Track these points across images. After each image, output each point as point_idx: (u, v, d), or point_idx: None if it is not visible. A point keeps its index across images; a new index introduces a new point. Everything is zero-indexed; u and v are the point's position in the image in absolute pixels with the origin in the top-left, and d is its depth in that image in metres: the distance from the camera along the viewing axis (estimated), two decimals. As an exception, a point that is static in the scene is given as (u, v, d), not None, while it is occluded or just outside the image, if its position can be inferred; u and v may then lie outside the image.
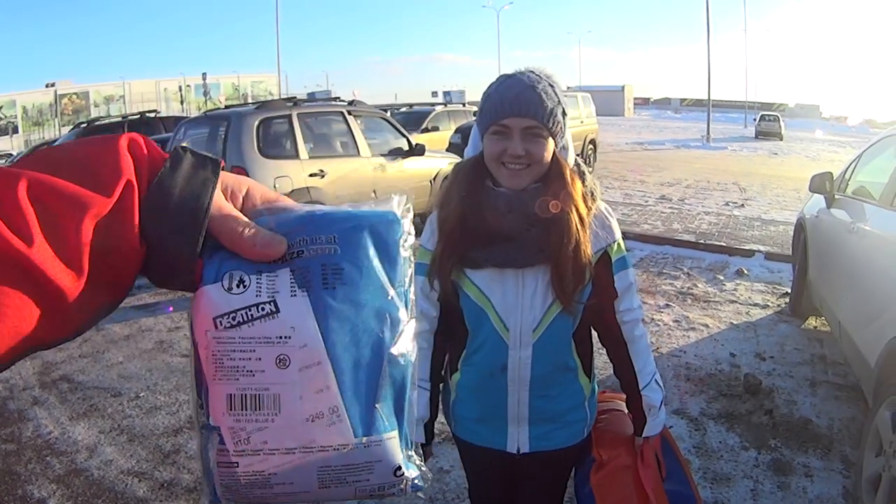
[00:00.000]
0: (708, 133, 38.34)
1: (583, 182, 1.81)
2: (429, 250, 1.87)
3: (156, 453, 4.16)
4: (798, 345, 5.78)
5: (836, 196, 5.42)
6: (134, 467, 4.00)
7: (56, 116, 58.76)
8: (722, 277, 7.95)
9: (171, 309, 6.79)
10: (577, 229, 1.72)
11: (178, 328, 6.46)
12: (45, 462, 4.09)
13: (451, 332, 1.95)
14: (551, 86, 1.73)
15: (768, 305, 6.92)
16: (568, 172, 1.76)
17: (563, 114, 1.74)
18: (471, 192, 1.77)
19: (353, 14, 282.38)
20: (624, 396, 2.08)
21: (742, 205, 13.41)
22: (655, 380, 1.99)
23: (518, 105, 1.68)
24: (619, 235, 1.92)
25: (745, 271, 8.13)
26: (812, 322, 6.31)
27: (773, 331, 6.16)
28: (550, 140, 1.72)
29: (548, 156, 1.72)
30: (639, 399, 1.97)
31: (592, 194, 1.83)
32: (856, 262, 4.38)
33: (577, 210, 1.73)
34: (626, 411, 2.08)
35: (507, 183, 1.73)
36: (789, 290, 6.98)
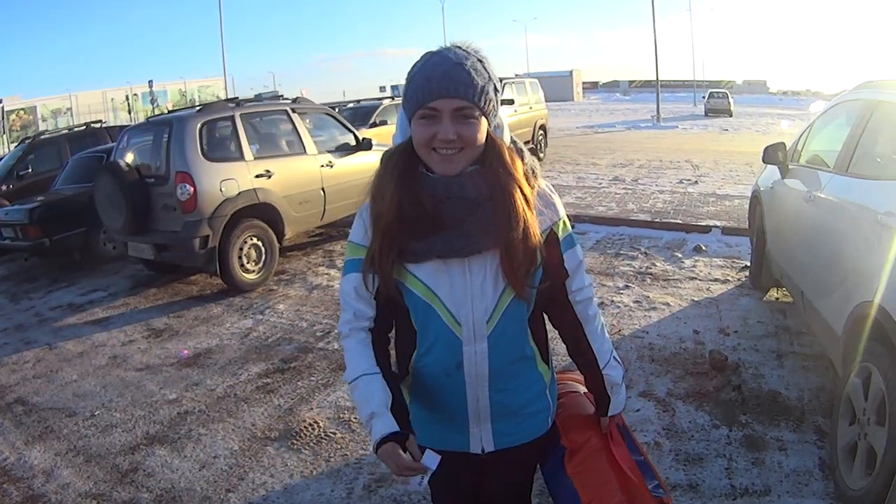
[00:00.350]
0: (658, 113, 38.62)
1: (522, 160, 1.69)
2: (361, 245, 1.73)
3: (113, 473, 4.03)
4: (761, 318, 5.77)
5: (791, 166, 5.39)
6: (92, 489, 3.87)
7: (4, 133, 57.53)
8: (680, 255, 7.93)
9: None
10: (524, 209, 1.61)
11: (131, 342, 6.29)
12: (1, 490, 3.94)
13: (394, 330, 1.84)
14: (480, 61, 1.59)
15: (728, 280, 6.91)
16: (506, 152, 1.65)
17: (496, 90, 1.61)
18: (404, 181, 1.63)
19: (297, 13, 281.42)
20: (574, 375, 2.03)
21: (696, 182, 13.47)
22: (614, 356, 1.92)
23: (446, 84, 1.53)
24: (563, 213, 1.80)
25: (703, 247, 8.12)
26: (773, 294, 6.31)
27: (735, 305, 6.14)
28: (483, 120, 1.59)
29: (481, 137, 1.60)
30: (601, 378, 1.90)
31: (534, 172, 1.71)
32: (815, 231, 4.34)
33: (522, 189, 1.62)
34: (582, 391, 2.03)
35: (439, 169, 1.60)
36: (748, 264, 6.98)
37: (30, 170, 12.07)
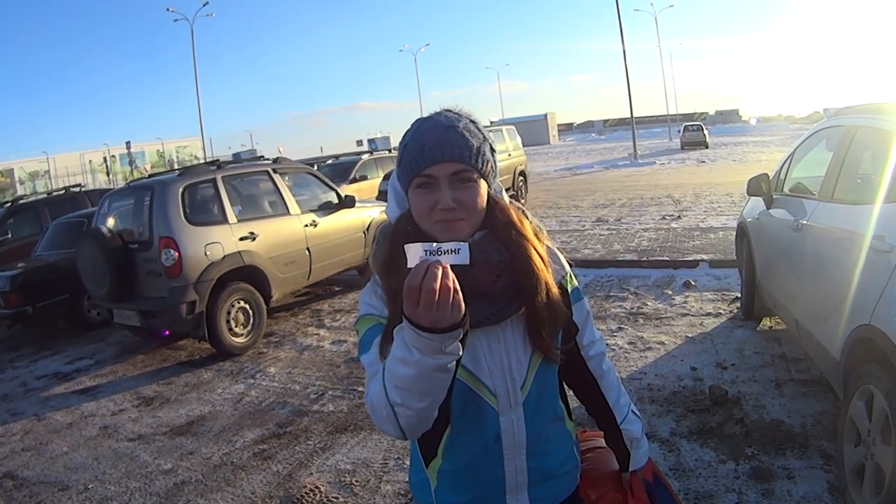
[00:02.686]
0: (635, 150, 39.02)
1: (528, 219, 1.64)
2: (381, 316, 1.58)
3: (109, 550, 3.91)
4: (757, 348, 5.75)
5: (775, 196, 5.43)
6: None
7: (-19, 197, 57.69)
8: (670, 292, 7.92)
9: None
10: (543, 270, 1.57)
11: (121, 411, 6.18)
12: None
13: None
14: (472, 122, 1.55)
15: (721, 313, 6.90)
16: (514, 212, 1.60)
17: (492, 150, 1.56)
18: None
19: (271, 72, 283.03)
20: (597, 432, 1.94)
21: (678, 217, 13.55)
22: (632, 410, 1.86)
23: (440, 149, 1.48)
24: (568, 267, 1.75)
25: (693, 282, 8.12)
26: (767, 323, 6.30)
27: (729, 338, 6.12)
28: (483, 182, 1.53)
29: (482, 201, 1.53)
30: (619, 434, 1.83)
31: (540, 229, 1.66)
32: (805, 259, 4.36)
33: (537, 249, 1.58)
34: (606, 447, 1.93)
35: (443, 238, 1.48)
36: (739, 295, 6.98)
37: (9, 235, 12.03)
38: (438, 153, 1.48)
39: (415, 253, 1.28)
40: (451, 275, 1.26)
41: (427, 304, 1.24)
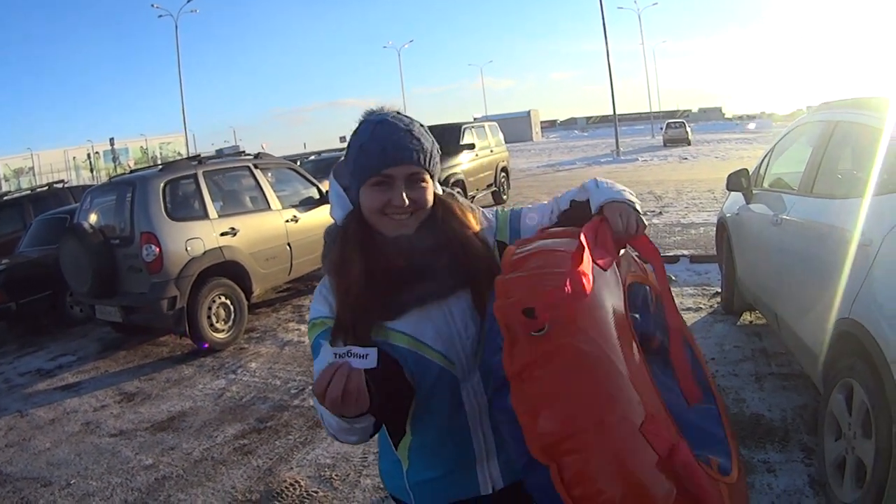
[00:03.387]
0: (617, 147, 39.18)
1: (460, 203, 1.75)
2: (329, 318, 1.65)
3: (90, 546, 3.89)
4: (737, 342, 5.78)
5: (755, 191, 5.46)
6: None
7: (-34, 194, 57.28)
8: (651, 286, 7.92)
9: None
10: (477, 245, 1.68)
11: (103, 407, 6.15)
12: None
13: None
14: (421, 125, 1.66)
15: (701, 308, 6.94)
16: (454, 204, 1.71)
17: (438, 151, 1.68)
18: (369, 250, 1.63)
19: (255, 69, 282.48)
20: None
21: (660, 213, 13.60)
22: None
23: (401, 152, 1.57)
24: (497, 212, 1.84)
25: (673, 277, 8.15)
26: (747, 317, 6.34)
27: (710, 332, 6.15)
28: (430, 181, 1.65)
29: (430, 198, 1.65)
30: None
31: (471, 208, 1.76)
32: (785, 253, 4.38)
33: (474, 230, 1.69)
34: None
35: (391, 233, 1.62)
36: (719, 290, 7.02)
37: None
38: (399, 156, 1.58)
39: (327, 352, 1.34)
40: (357, 377, 1.30)
41: (331, 405, 1.31)
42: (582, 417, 1.24)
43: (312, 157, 18.44)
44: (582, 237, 1.44)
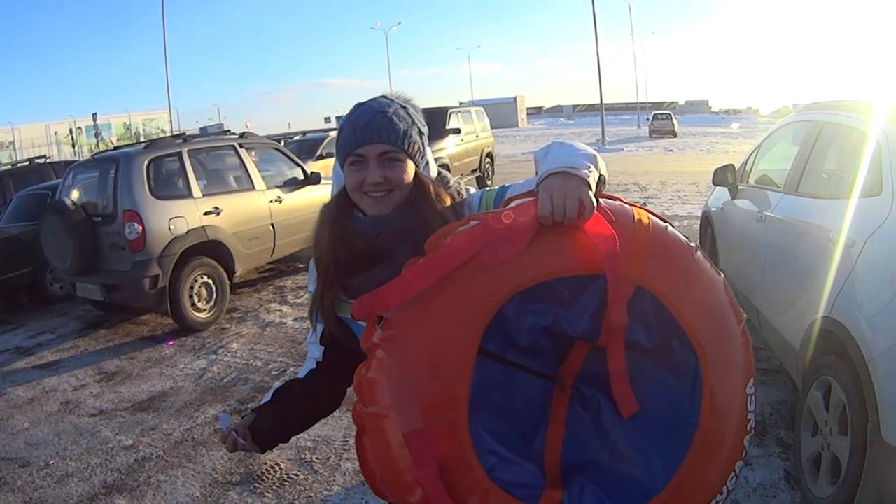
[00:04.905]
0: (603, 136, 39.29)
1: (446, 188, 1.75)
2: (312, 293, 1.80)
3: (68, 526, 3.88)
4: (717, 336, 5.79)
5: (740, 187, 5.49)
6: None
7: (-55, 167, 56.68)
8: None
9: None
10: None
11: (83, 386, 6.11)
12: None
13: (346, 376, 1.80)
14: (403, 107, 1.69)
15: (683, 300, 6.95)
16: (429, 186, 1.71)
17: (420, 133, 1.70)
18: (337, 225, 1.71)
19: (239, 46, 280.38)
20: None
21: (644, 204, 13.48)
22: None
23: (370, 132, 1.62)
24: (482, 195, 1.78)
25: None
26: (728, 312, 6.37)
27: (691, 325, 6.16)
28: (409, 162, 1.67)
29: (408, 178, 1.67)
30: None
31: (459, 192, 1.78)
32: (768, 250, 4.43)
33: (444, 217, 1.65)
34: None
35: (371, 211, 1.67)
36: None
37: None
38: (368, 136, 1.63)
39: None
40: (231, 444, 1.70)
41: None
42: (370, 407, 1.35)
43: (297, 138, 18.37)
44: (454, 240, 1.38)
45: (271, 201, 8.44)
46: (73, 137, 69.74)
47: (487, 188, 1.80)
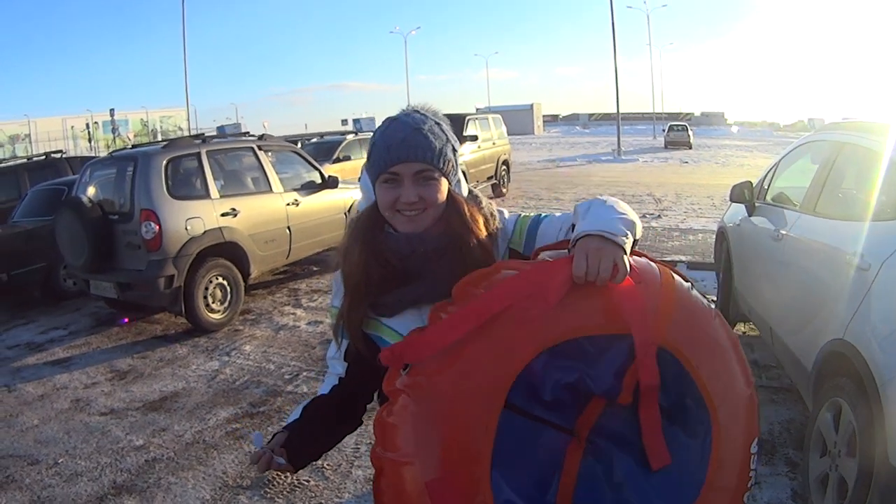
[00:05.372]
0: (618, 146, 39.15)
1: (479, 208, 1.72)
2: (336, 307, 1.76)
3: (78, 525, 3.90)
4: (729, 352, 5.78)
5: (757, 204, 5.48)
6: (56, 542, 3.75)
7: (-40, 159, 56.83)
8: (648, 289, 7.93)
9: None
10: (480, 256, 1.62)
11: (94, 384, 6.14)
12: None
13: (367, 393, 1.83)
14: (438, 124, 1.66)
15: (696, 314, 6.93)
16: (464, 205, 1.68)
17: (454, 150, 1.67)
18: (370, 241, 1.67)
19: (257, 46, 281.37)
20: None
21: (658, 216, 13.63)
22: None
23: (405, 150, 1.59)
24: (518, 223, 1.76)
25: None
26: (741, 328, 6.37)
27: (703, 340, 6.14)
28: (444, 180, 1.64)
29: (442, 197, 1.64)
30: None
31: (493, 215, 1.75)
32: (784, 269, 4.42)
33: (478, 237, 1.65)
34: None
35: (404, 228, 1.64)
36: (715, 298, 7.04)
37: None
38: (404, 154, 1.59)
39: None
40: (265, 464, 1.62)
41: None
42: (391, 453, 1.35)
43: (314, 140, 18.35)
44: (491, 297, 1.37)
45: (288, 204, 8.48)
46: (89, 132, 69.97)
47: (522, 215, 1.77)
